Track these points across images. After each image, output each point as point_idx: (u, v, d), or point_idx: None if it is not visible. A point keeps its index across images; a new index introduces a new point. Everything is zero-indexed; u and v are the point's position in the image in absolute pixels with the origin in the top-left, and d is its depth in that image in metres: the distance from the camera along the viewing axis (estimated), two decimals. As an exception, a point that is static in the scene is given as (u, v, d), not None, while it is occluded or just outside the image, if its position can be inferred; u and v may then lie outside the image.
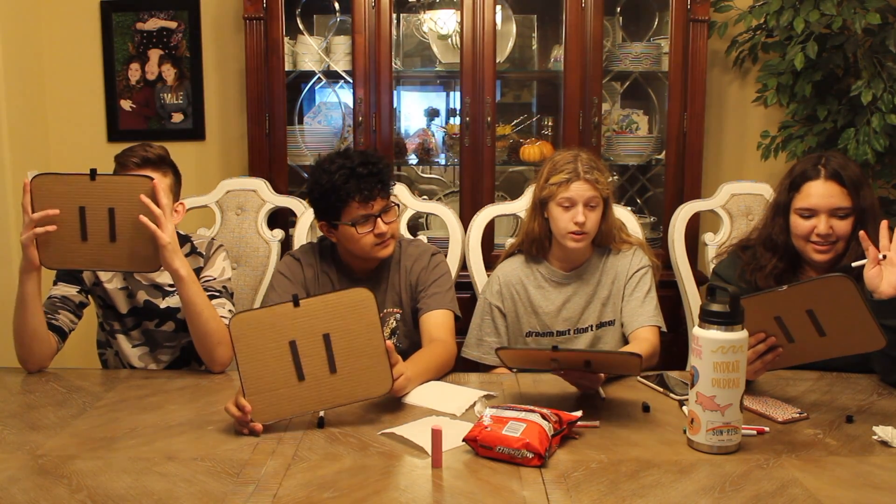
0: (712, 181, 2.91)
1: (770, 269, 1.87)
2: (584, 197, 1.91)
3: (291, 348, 1.44)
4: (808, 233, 1.81)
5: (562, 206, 1.93)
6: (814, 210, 1.81)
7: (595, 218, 1.94)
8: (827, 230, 1.79)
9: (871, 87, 2.63)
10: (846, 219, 1.80)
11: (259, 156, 2.77)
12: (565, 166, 1.93)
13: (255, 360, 1.43)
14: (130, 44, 3.05)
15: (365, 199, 1.83)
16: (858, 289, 1.46)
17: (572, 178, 1.91)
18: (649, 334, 1.94)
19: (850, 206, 1.79)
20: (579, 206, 1.91)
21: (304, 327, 1.45)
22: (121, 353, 1.95)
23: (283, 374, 1.45)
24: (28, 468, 1.30)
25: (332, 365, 1.47)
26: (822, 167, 1.82)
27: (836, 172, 1.80)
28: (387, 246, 1.89)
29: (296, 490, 1.22)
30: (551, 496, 1.20)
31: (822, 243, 1.80)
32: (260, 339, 1.43)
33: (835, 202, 1.79)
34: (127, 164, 1.84)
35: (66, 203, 1.66)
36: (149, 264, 1.73)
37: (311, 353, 1.46)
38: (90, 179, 1.65)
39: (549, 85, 3.11)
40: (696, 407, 1.36)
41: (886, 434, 1.39)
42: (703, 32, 2.75)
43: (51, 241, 1.67)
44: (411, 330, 1.98)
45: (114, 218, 1.67)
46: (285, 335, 1.44)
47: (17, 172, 2.80)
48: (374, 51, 2.72)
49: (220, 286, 1.93)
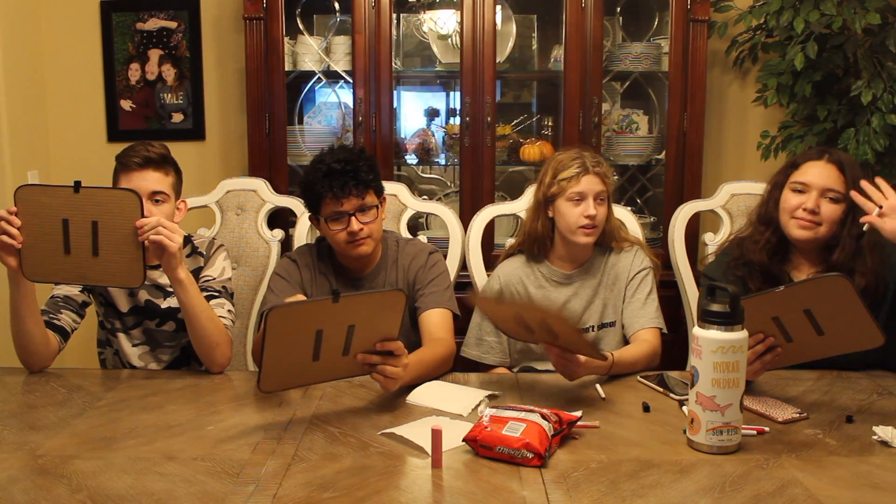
0: (712, 181, 2.91)
1: (763, 243, 1.88)
2: (595, 191, 1.93)
3: (317, 336, 1.46)
4: (796, 207, 1.82)
5: (572, 201, 1.93)
6: (807, 185, 1.82)
7: (603, 212, 1.95)
8: (814, 206, 1.79)
9: (871, 87, 2.63)
10: (836, 203, 1.80)
11: (259, 156, 2.77)
12: (572, 162, 1.95)
13: (281, 346, 1.44)
14: (130, 44, 3.05)
15: (336, 197, 1.83)
16: (855, 287, 1.47)
17: (582, 172, 1.93)
18: (650, 336, 1.94)
19: (843, 192, 1.79)
20: (590, 200, 1.92)
21: (336, 320, 1.46)
22: (121, 352, 1.95)
23: (302, 356, 1.48)
24: (28, 468, 1.30)
25: (347, 349, 1.50)
26: (827, 153, 1.85)
27: (838, 160, 1.83)
28: (360, 245, 1.88)
29: (296, 490, 1.22)
30: (551, 496, 1.20)
31: (805, 218, 1.80)
32: (291, 330, 1.44)
33: (829, 183, 1.80)
34: (129, 164, 1.83)
35: (49, 215, 1.63)
36: (131, 280, 1.71)
37: (333, 340, 1.48)
38: (74, 192, 1.62)
39: (549, 85, 3.11)
40: (696, 407, 1.36)
41: (886, 434, 1.39)
42: (703, 32, 2.75)
43: (33, 252, 1.64)
44: (409, 329, 1.98)
45: (97, 232, 1.64)
46: (316, 326, 1.46)
47: (17, 172, 2.80)
48: (374, 51, 2.72)
49: (219, 286, 1.93)
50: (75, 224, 1.64)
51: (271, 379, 1.49)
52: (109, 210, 1.65)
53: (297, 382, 1.58)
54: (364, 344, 1.51)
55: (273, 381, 1.50)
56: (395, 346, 1.53)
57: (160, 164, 1.85)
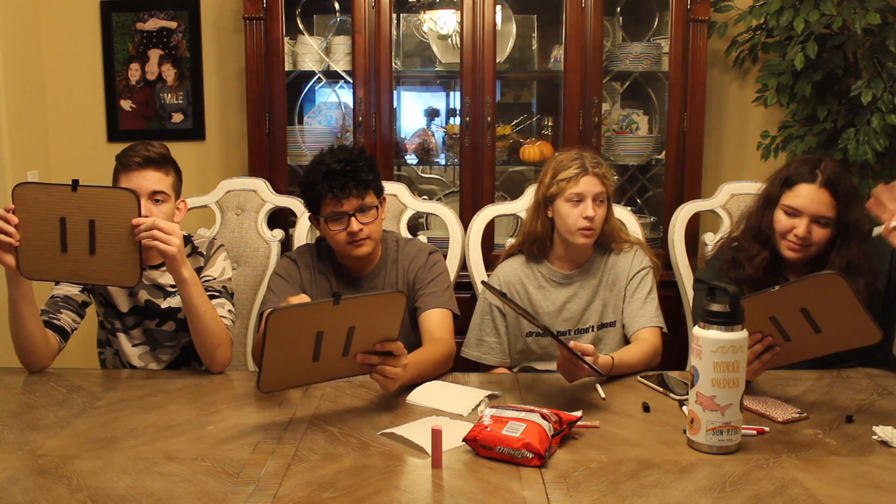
0: (712, 181, 2.91)
1: (759, 260, 1.90)
2: (594, 192, 1.92)
3: (317, 338, 1.46)
4: (787, 230, 1.86)
5: (571, 202, 1.93)
6: (799, 211, 1.85)
7: (602, 214, 1.95)
8: (805, 233, 1.84)
9: (871, 87, 2.63)
10: (826, 227, 1.84)
11: (259, 156, 2.77)
12: (572, 163, 1.95)
13: (281, 348, 1.44)
14: (130, 44, 3.05)
15: (336, 197, 1.83)
16: (850, 284, 1.49)
17: (581, 172, 1.93)
18: (650, 335, 1.94)
19: (832, 217, 1.83)
20: (588, 201, 1.92)
21: (336, 322, 1.46)
22: (121, 352, 1.95)
23: (302, 357, 1.48)
24: (28, 468, 1.30)
25: (347, 349, 1.50)
26: (820, 172, 1.84)
27: (830, 181, 1.83)
28: (360, 245, 1.88)
29: (296, 490, 1.22)
30: (551, 496, 1.20)
31: (796, 243, 1.85)
32: (292, 332, 1.44)
33: (821, 210, 1.83)
34: (129, 164, 1.83)
35: (47, 213, 1.62)
36: (128, 279, 1.70)
37: (333, 341, 1.48)
38: (72, 190, 1.62)
39: (549, 85, 3.11)
40: (696, 407, 1.36)
41: (886, 434, 1.40)
42: (703, 32, 2.75)
43: (30, 250, 1.64)
44: (408, 329, 1.98)
45: (94, 230, 1.64)
46: (316, 328, 1.46)
47: (17, 172, 2.80)
48: (374, 51, 2.72)
49: (220, 286, 1.93)
50: (72, 222, 1.63)
51: (271, 379, 1.49)
52: (107, 209, 1.64)
53: (296, 382, 1.59)
54: (364, 344, 1.51)
55: (272, 381, 1.50)
56: (394, 347, 1.53)
57: (160, 164, 1.85)
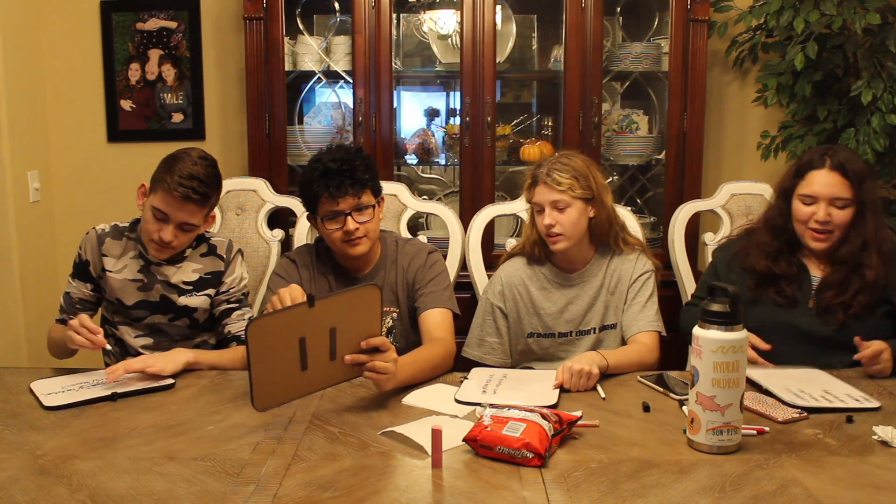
0: (712, 181, 2.91)
1: (772, 251, 1.93)
2: (549, 200, 1.93)
3: (301, 344, 1.45)
4: (808, 218, 1.88)
5: (537, 211, 1.96)
6: (815, 197, 1.87)
7: (567, 219, 1.92)
8: (825, 217, 1.86)
9: (871, 87, 2.63)
10: (845, 209, 1.86)
11: (259, 156, 2.77)
12: (530, 173, 1.98)
13: (267, 360, 1.44)
14: (130, 44, 3.05)
15: (332, 196, 1.84)
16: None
17: (533, 182, 1.96)
18: (647, 338, 1.94)
19: (850, 198, 1.86)
20: (546, 210, 1.93)
21: (315, 324, 1.46)
22: (124, 343, 1.96)
23: (290, 367, 1.47)
24: (28, 468, 1.30)
25: (333, 353, 1.49)
26: (828, 157, 1.88)
27: (840, 164, 1.86)
28: (356, 244, 1.88)
29: (296, 490, 1.22)
30: (551, 496, 1.20)
31: (819, 230, 1.87)
32: (273, 341, 1.44)
33: (835, 192, 1.85)
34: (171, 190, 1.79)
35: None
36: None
37: (316, 346, 1.47)
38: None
39: (549, 85, 3.11)
40: (696, 407, 1.36)
41: (886, 434, 1.40)
42: (703, 32, 2.75)
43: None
44: (408, 329, 1.98)
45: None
46: (297, 333, 1.45)
47: (17, 172, 2.80)
48: (374, 51, 2.72)
49: (240, 294, 1.99)
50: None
51: (264, 396, 1.46)
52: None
53: (291, 396, 1.53)
54: (349, 345, 1.51)
55: (267, 398, 1.47)
56: (379, 342, 1.52)
57: (200, 203, 1.84)
